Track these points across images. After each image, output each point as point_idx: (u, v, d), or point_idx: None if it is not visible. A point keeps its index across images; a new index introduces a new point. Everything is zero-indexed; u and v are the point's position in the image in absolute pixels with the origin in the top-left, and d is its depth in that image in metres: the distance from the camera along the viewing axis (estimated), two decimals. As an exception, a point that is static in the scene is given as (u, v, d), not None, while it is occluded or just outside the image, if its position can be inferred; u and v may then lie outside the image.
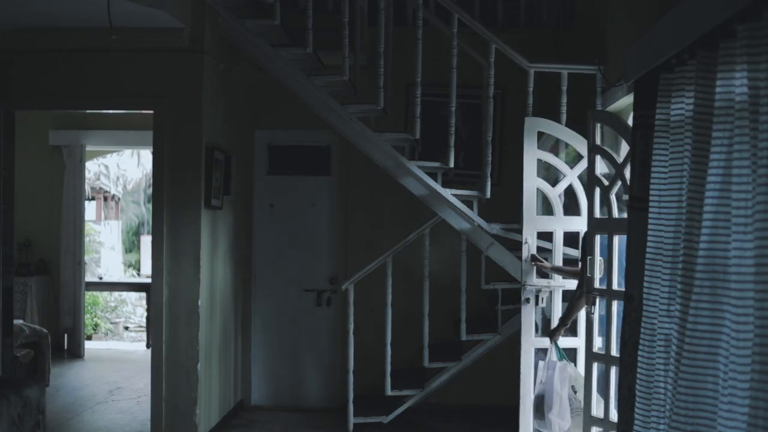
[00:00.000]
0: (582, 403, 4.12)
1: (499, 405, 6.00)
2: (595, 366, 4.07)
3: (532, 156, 4.57)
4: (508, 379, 5.98)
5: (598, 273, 4.16)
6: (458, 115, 5.07)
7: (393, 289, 5.31)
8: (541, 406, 4.24)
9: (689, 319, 2.34)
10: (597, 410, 4.04)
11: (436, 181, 4.94)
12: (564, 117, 4.76)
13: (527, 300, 4.65)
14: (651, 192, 2.91)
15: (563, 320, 4.40)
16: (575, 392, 4.19)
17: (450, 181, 5.11)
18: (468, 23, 4.78)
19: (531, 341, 4.65)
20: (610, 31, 4.59)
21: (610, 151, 4.12)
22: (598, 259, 4.01)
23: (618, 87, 4.17)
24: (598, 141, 4.38)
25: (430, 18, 5.15)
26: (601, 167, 4.07)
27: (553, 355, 4.32)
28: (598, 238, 4.29)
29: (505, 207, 5.06)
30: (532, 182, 4.58)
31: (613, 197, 3.95)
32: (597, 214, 4.27)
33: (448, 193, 4.84)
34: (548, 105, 4.98)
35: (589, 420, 4.23)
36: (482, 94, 4.87)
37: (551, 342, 4.36)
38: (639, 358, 2.92)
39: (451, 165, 4.89)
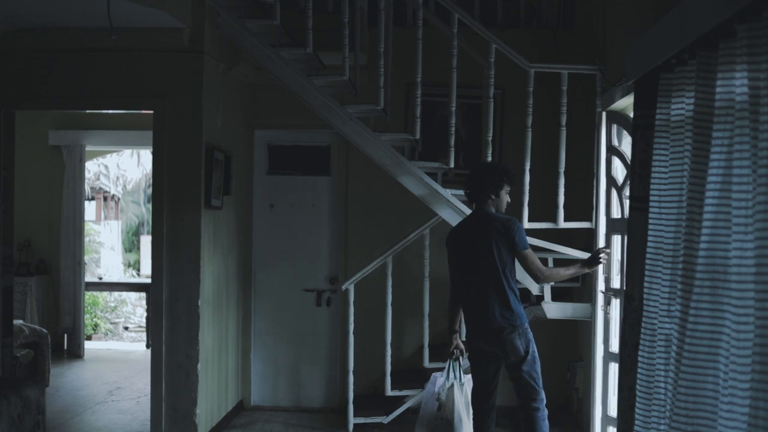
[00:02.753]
0: (445, 420, 4.18)
1: (498, 405, 6.00)
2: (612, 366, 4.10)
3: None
4: (508, 379, 5.98)
5: (614, 272, 4.18)
6: (458, 115, 5.07)
7: (393, 289, 5.31)
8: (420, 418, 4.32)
9: (689, 319, 2.34)
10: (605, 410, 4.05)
11: (436, 181, 4.94)
12: (564, 117, 4.75)
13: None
14: (651, 192, 2.91)
15: (448, 330, 4.36)
16: (438, 409, 4.20)
17: (450, 181, 5.11)
18: (468, 23, 4.78)
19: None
20: (610, 31, 4.58)
21: (623, 151, 4.14)
22: (616, 260, 4.04)
23: (618, 87, 4.17)
24: (615, 142, 4.39)
25: (430, 18, 5.15)
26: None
27: (449, 374, 4.31)
28: (615, 238, 4.31)
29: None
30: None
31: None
32: (614, 214, 4.29)
33: (448, 193, 4.83)
34: (549, 105, 4.98)
35: (605, 419, 4.24)
36: (482, 94, 4.87)
37: (450, 360, 4.33)
38: (639, 358, 2.92)
39: (451, 165, 4.89)
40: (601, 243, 4.59)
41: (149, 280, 5.23)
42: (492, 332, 3.98)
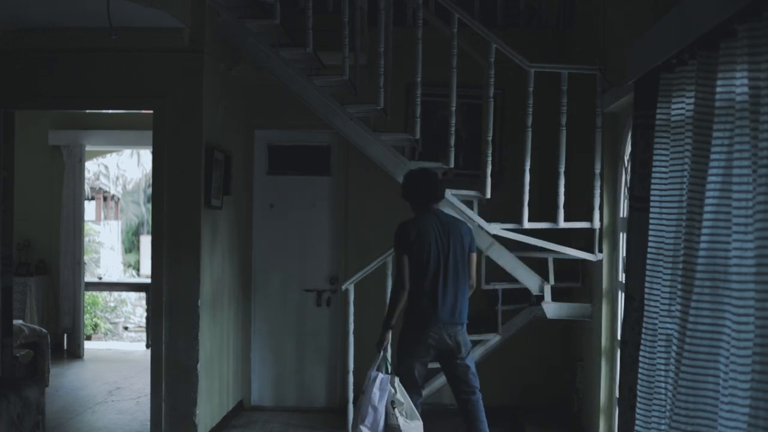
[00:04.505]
0: (402, 420, 4.06)
1: (498, 405, 6.00)
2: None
3: None
4: (508, 379, 5.99)
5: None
6: (458, 115, 5.06)
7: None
8: (356, 416, 4.19)
9: (690, 319, 2.34)
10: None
11: (436, 181, 4.94)
12: (564, 117, 4.75)
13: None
14: (651, 192, 2.91)
15: (386, 325, 4.31)
16: (394, 408, 4.10)
17: (450, 181, 5.10)
18: (468, 23, 4.78)
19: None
20: (610, 31, 4.58)
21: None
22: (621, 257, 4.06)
23: (618, 87, 4.17)
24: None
25: (430, 18, 5.15)
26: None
27: (381, 367, 4.24)
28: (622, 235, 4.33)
29: (505, 207, 5.06)
30: None
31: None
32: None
33: (448, 193, 4.83)
34: (549, 105, 4.98)
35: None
36: (482, 94, 4.87)
37: (378, 352, 4.29)
38: (640, 358, 2.92)
39: (451, 165, 4.89)
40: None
41: (149, 280, 5.23)
42: (455, 326, 4.22)
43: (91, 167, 11.98)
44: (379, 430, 4.11)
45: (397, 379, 4.20)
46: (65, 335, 8.04)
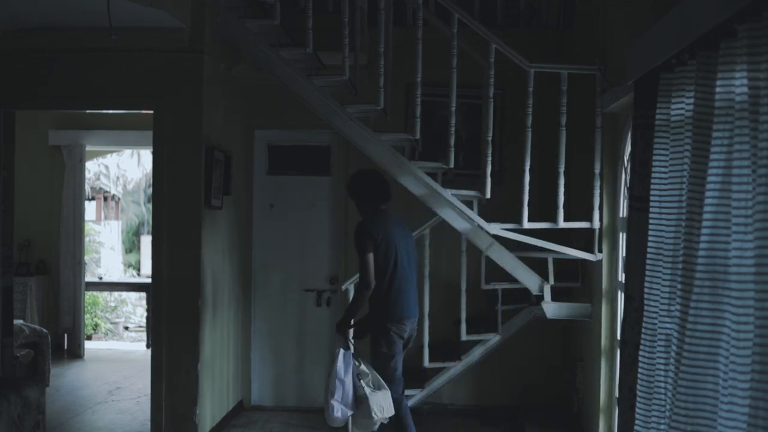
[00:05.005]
0: (369, 391, 4.26)
1: (498, 405, 6.01)
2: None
3: None
4: (508, 379, 5.99)
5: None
6: (458, 115, 5.06)
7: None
8: (326, 392, 4.38)
9: (689, 319, 2.34)
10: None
11: (436, 181, 4.94)
12: (564, 117, 4.75)
13: None
14: (651, 192, 2.91)
15: (349, 311, 4.51)
16: (360, 380, 4.31)
17: (450, 181, 5.10)
18: (468, 23, 4.77)
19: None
20: (610, 31, 4.58)
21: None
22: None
23: (618, 87, 4.17)
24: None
25: (430, 18, 5.15)
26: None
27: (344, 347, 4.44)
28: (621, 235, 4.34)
29: (505, 207, 5.06)
30: None
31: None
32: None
33: (448, 193, 4.83)
34: (548, 105, 4.98)
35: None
36: (482, 94, 4.87)
37: (338, 334, 4.48)
38: (640, 358, 2.92)
39: (451, 165, 4.88)
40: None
41: (149, 280, 5.23)
42: (416, 319, 4.59)
43: (91, 167, 11.98)
44: (350, 402, 4.29)
45: (357, 354, 4.42)
46: (65, 335, 8.04)
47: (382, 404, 4.26)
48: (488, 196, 4.82)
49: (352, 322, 4.52)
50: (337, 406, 4.28)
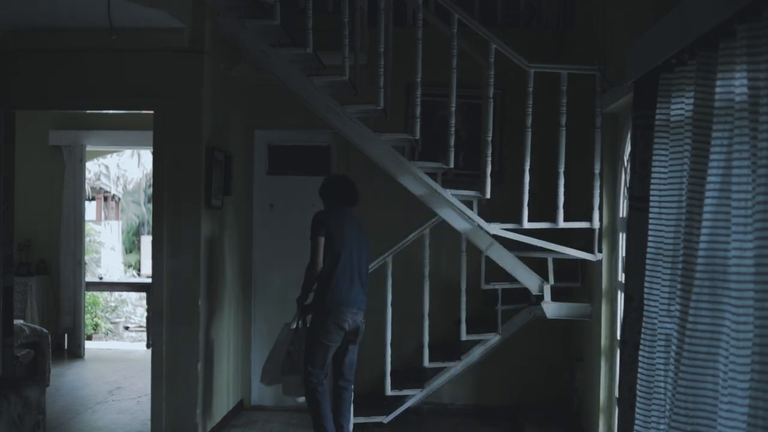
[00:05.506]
0: (296, 366, 4.65)
1: (498, 405, 6.01)
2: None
3: None
4: (507, 378, 5.99)
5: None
6: (458, 115, 5.06)
7: (393, 289, 5.30)
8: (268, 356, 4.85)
9: (689, 318, 2.34)
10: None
11: (435, 181, 4.94)
12: (564, 117, 4.76)
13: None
14: (651, 192, 2.91)
15: (302, 290, 4.73)
16: (289, 354, 4.69)
17: (450, 181, 5.11)
18: (468, 23, 4.78)
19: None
20: (610, 31, 4.59)
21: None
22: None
23: (618, 87, 4.17)
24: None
25: (430, 18, 5.15)
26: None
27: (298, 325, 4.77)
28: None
29: (505, 207, 5.06)
30: None
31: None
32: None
33: (448, 193, 4.83)
34: (548, 105, 4.98)
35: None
36: (482, 94, 4.87)
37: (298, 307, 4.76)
38: (640, 358, 2.92)
39: (451, 165, 4.89)
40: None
41: (149, 280, 5.24)
42: (361, 311, 4.70)
43: (91, 167, 11.97)
44: (276, 376, 4.74)
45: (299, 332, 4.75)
46: (66, 335, 8.04)
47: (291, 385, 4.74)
48: (488, 196, 4.82)
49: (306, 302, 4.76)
50: (270, 372, 4.76)
